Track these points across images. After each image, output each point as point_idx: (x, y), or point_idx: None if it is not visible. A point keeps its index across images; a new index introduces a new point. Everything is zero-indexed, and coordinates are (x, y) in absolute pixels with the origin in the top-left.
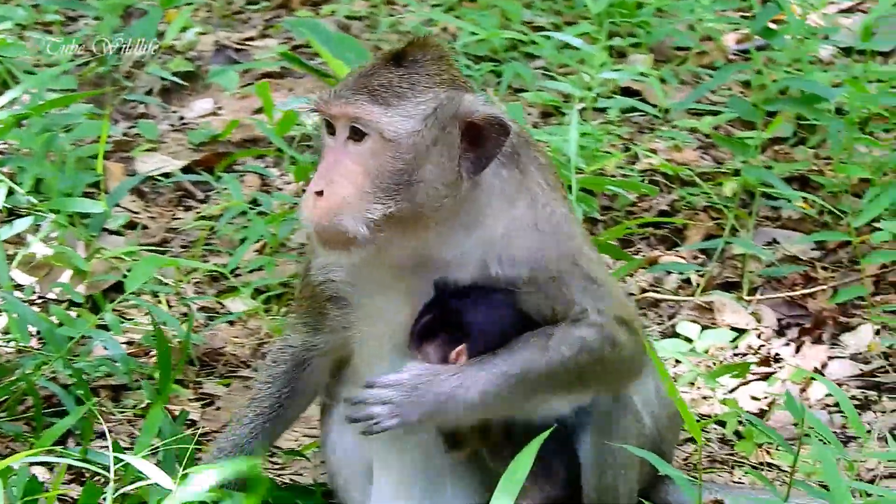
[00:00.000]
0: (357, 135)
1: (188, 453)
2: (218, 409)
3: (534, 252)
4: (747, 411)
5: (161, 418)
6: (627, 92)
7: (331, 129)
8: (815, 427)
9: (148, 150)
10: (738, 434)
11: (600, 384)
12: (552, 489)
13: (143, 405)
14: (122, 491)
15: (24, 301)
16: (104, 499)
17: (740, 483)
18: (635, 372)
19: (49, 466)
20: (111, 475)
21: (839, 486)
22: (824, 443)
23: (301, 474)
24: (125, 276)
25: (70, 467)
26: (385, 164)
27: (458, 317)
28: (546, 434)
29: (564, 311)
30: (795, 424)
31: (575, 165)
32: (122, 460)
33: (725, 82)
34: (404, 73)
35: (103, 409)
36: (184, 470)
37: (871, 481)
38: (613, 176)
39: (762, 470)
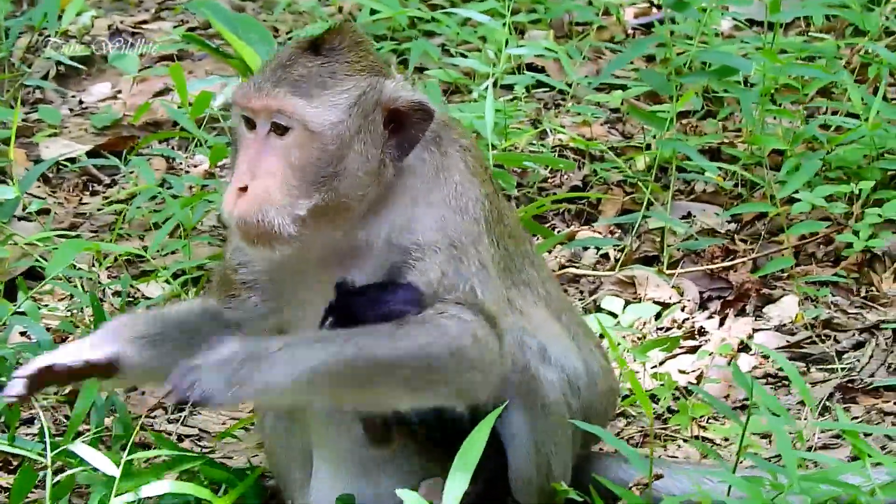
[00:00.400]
0: (279, 128)
1: (129, 440)
2: (143, 393)
3: (438, 220)
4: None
5: (94, 397)
6: (530, 68)
7: (250, 124)
8: (763, 399)
9: (50, 136)
10: (669, 409)
11: (451, 386)
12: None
13: (65, 391)
14: (60, 477)
15: None
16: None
17: (674, 457)
18: (490, 383)
19: None
20: (48, 461)
21: (791, 457)
22: (775, 415)
23: (231, 457)
24: (39, 263)
25: None
26: (310, 157)
27: (358, 318)
28: (498, 411)
29: (440, 283)
30: (726, 397)
31: (490, 142)
32: (58, 446)
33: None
34: (324, 61)
35: None
36: (127, 456)
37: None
38: (523, 152)
39: (691, 444)
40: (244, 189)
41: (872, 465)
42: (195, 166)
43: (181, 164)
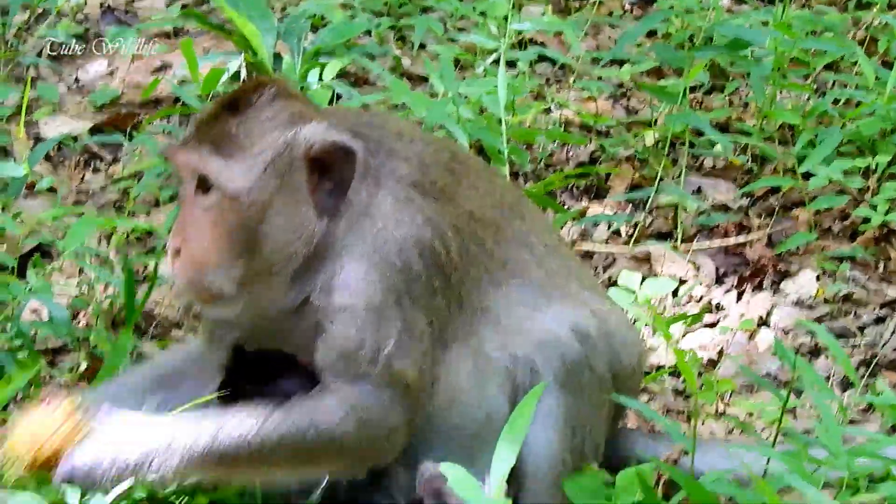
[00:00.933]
0: (204, 186)
1: None
2: None
3: (356, 282)
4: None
5: (127, 350)
6: (531, 44)
7: (180, 177)
8: (806, 374)
9: (49, 113)
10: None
11: (342, 461)
12: None
13: (81, 368)
14: None
15: None
16: None
17: (700, 434)
18: (391, 450)
19: None
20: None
21: (835, 431)
22: (813, 389)
23: None
24: (48, 240)
25: None
26: (231, 220)
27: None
28: (540, 389)
29: (353, 355)
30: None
31: (500, 118)
32: None
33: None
34: (241, 120)
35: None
36: None
37: None
38: (530, 128)
39: (717, 419)
40: (177, 254)
41: None
42: None
43: None
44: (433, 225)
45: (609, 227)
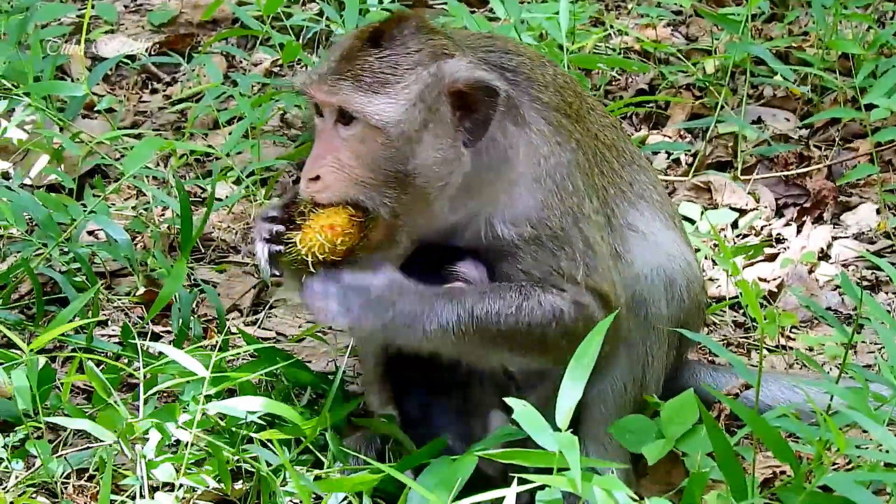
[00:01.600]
0: (345, 118)
1: (220, 342)
2: (217, 295)
3: (537, 209)
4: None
5: (183, 276)
6: None
7: (318, 111)
8: (873, 309)
9: (106, 32)
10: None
11: (560, 358)
12: None
13: (138, 292)
14: (156, 388)
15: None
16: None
17: (755, 367)
18: (620, 344)
19: (50, 355)
20: (140, 363)
21: None
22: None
23: (310, 361)
24: (106, 160)
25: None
26: (376, 152)
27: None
28: (610, 319)
29: (551, 274)
30: (808, 307)
31: (560, 44)
32: (148, 348)
33: None
34: (385, 54)
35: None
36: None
37: None
38: (590, 54)
39: (778, 353)
40: (315, 178)
41: None
42: (255, 65)
43: (242, 62)
44: (582, 147)
45: (669, 156)
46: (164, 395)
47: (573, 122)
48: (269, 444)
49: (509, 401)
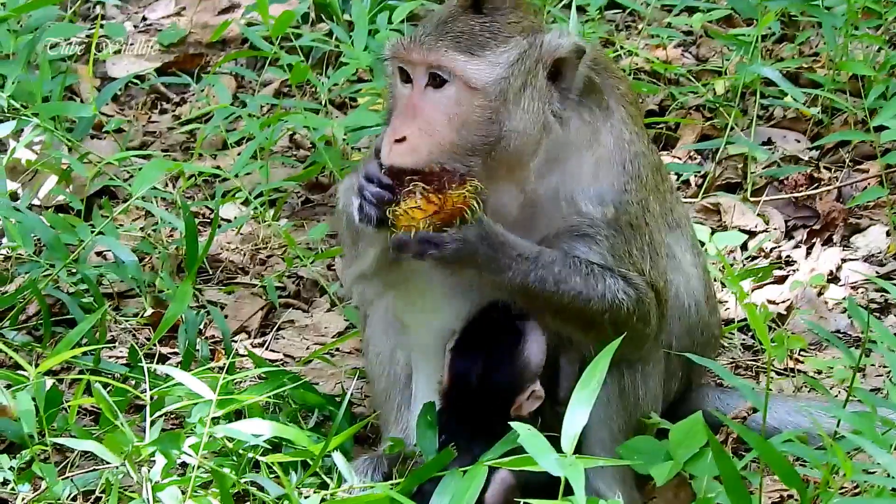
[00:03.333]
0: (436, 81)
1: (227, 365)
2: (226, 317)
3: (619, 192)
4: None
5: (189, 297)
6: None
7: (405, 76)
8: (880, 332)
9: (116, 52)
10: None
11: (599, 339)
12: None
13: (146, 313)
14: (163, 410)
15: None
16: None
17: (770, 390)
18: (640, 349)
19: (56, 377)
20: (146, 385)
21: None
22: (890, 349)
23: (318, 383)
24: (114, 181)
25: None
26: (470, 114)
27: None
28: (616, 343)
29: (622, 262)
30: (814, 330)
31: None
32: (154, 371)
33: None
34: (485, 20)
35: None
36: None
37: None
38: None
39: (786, 376)
40: (401, 140)
41: None
42: (264, 85)
43: (251, 82)
44: (649, 145)
45: (678, 178)
46: (172, 416)
47: (643, 126)
48: (275, 466)
49: (514, 425)
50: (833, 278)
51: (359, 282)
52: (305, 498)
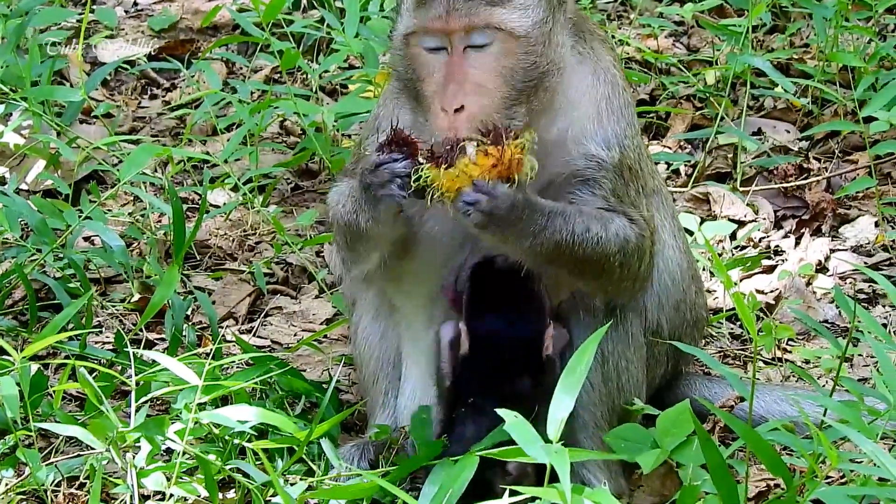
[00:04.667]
0: (478, 42)
1: (213, 350)
2: (213, 303)
3: (621, 137)
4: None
5: (175, 283)
6: None
7: (432, 48)
8: (867, 322)
9: (106, 37)
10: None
11: (606, 286)
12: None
13: (133, 299)
14: (149, 396)
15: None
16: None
17: (756, 379)
18: (640, 288)
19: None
20: (132, 371)
21: (893, 382)
22: (877, 339)
23: (305, 370)
24: (102, 166)
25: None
26: (518, 62)
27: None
28: (604, 330)
29: (623, 203)
30: (801, 320)
31: None
32: (140, 356)
33: None
34: None
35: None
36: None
37: None
38: None
39: (774, 366)
40: (460, 109)
41: None
42: (255, 71)
43: (242, 68)
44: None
45: (668, 167)
46: (158, 402)
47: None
48: (262, 453)
49: (501, 412)
50: (821, 268)
51: (359, 285)
52: (292, 485)
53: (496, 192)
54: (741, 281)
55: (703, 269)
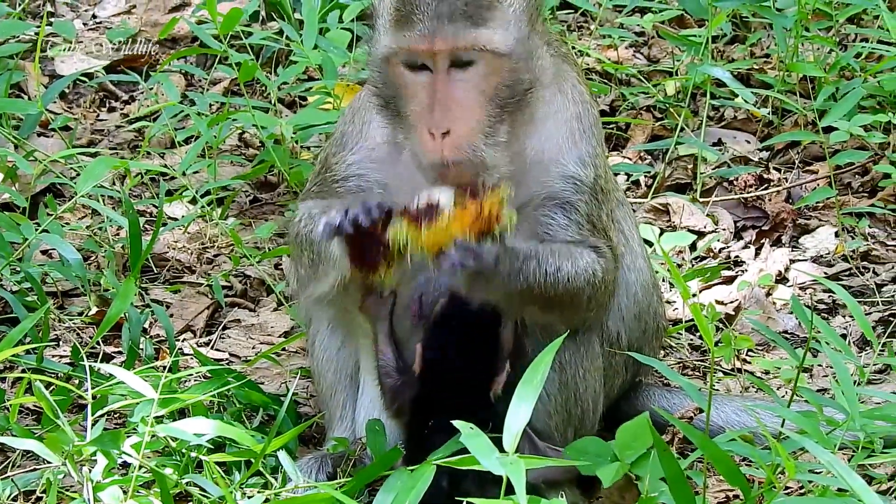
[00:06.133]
0: (461, 63)
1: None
2: (171, 316)
3: (593, 156)
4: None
5: (132, 296)
6: None
7: (416, 67)
8: (825, 332)
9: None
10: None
11: (577, 319)
12: None
13: (90, 312)
14: (105, 409)
15: None
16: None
17: (716, 390)
18: (603, 314)
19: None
20: (88, 386)
21: (851, 392)
22: (835, 349)
23: (263, 382)
24: (60, 179)
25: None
26: (504, 79)
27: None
28: (560, 340)
29: (594, 228)
30: (759, 331)
31: None
32: (97, 370)
33: None
34: None
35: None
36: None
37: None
38: None
39: (733, 376)
40: (446, 133)
41: None
42: (214, 84)
43: (200, 81)
44: None
45: (628, 178)
46: (116, 415)
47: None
48: (216, 467)
49: (457, 423)
50: (781, 279)
51: (316, 304)
52: (249, 498)
53: (481, 251)
54: (701, 292)
55: (664, 280)
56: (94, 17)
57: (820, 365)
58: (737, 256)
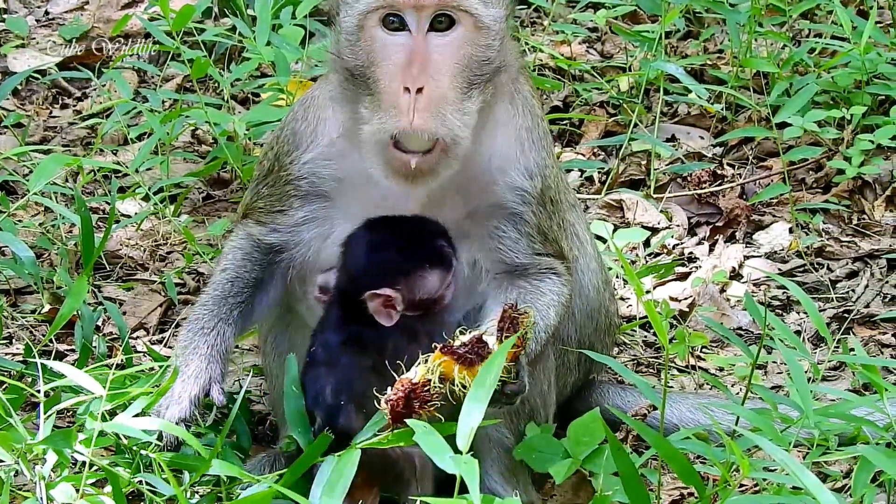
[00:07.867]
0: (442, 24)
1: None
2: (124, 313)
3: (542, 167)
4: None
5: (84, 294)
6: None
7: (395, 25)
8: (779, 329)
9: (17, 47)
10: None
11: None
12: None
13: (44, 309)
14: (56, 407)
15: None
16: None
17: (670, 387)
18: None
19: None
20: (40, 383)
21: (804, 389)
22: (789, 346)
23: None
24: (13, 176)
25: None
26: (478, 53)
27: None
28: (513, 339)
29: (546, 240)
30: (711, 328)
31: None
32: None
33: None
34: None
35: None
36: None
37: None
38: None
39: (688, 374)
40: (420, 91)
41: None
42: (166, 80)
43: (153, 77)
44: None
45: (581, 174)
46: (70, 414)
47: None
48: (166, 466)
49: (410, 423)
50: (735, 275)
51: None
52: (202, 496)
53: (524, 385)
54: (655, 288)
55: (617, 277)
56: (46, 13)
57: (774, 362)
58: (691, 253)
